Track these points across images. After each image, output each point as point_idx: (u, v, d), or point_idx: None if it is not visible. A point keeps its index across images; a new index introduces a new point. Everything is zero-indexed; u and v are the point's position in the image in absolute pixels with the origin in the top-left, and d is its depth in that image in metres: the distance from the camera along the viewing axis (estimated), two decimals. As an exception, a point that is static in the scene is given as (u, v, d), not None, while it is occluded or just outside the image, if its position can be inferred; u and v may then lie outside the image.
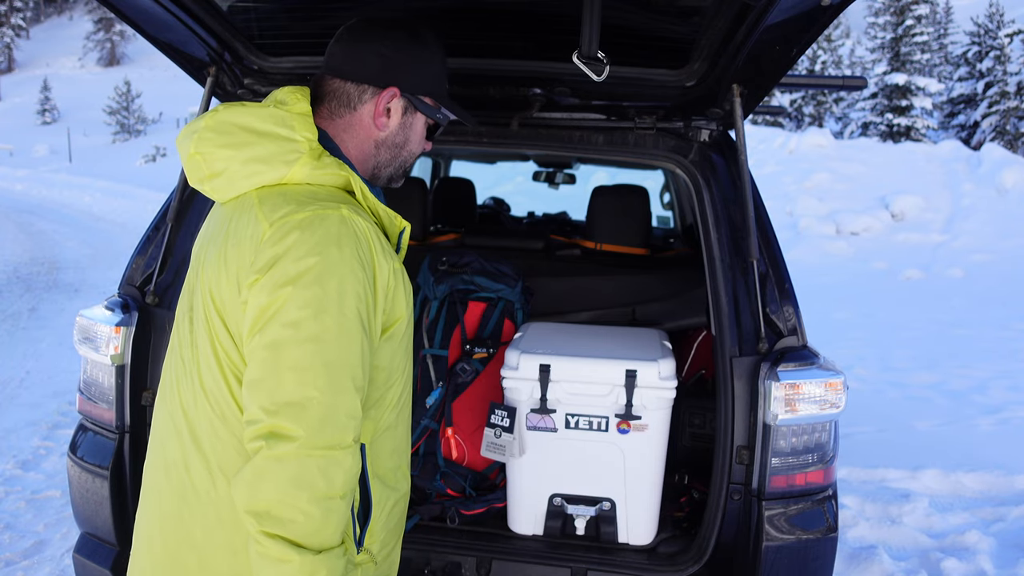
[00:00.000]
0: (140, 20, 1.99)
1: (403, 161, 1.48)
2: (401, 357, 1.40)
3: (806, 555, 2.01)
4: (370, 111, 1.41)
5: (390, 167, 1.47)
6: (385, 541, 1.44)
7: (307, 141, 1.31)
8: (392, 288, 1.31)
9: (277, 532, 1.15)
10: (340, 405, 1.18)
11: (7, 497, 3.76)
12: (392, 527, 1.46)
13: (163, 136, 40.52)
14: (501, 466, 2.56)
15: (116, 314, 2.16)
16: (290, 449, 1.15)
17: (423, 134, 1.49)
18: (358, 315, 1.21)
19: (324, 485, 1.16)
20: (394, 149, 1.45)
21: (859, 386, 5.95)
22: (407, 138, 1.45)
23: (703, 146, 2.32)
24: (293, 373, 1.17)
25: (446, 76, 1.49)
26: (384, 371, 1.36)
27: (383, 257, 1.28)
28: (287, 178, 1.30)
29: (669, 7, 1.88)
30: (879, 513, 3.85)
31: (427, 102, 1.45)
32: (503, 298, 2.76)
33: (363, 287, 1.23)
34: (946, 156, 15.69)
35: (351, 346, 1.20)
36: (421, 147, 1.49)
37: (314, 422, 1.16)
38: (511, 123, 2.37)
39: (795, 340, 2.08)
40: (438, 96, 1.46)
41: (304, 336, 1.18)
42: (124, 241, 12.77)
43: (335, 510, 1.18)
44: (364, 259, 1.24)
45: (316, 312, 1.18)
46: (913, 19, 31.37)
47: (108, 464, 2.14)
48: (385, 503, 1.41)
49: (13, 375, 5.70)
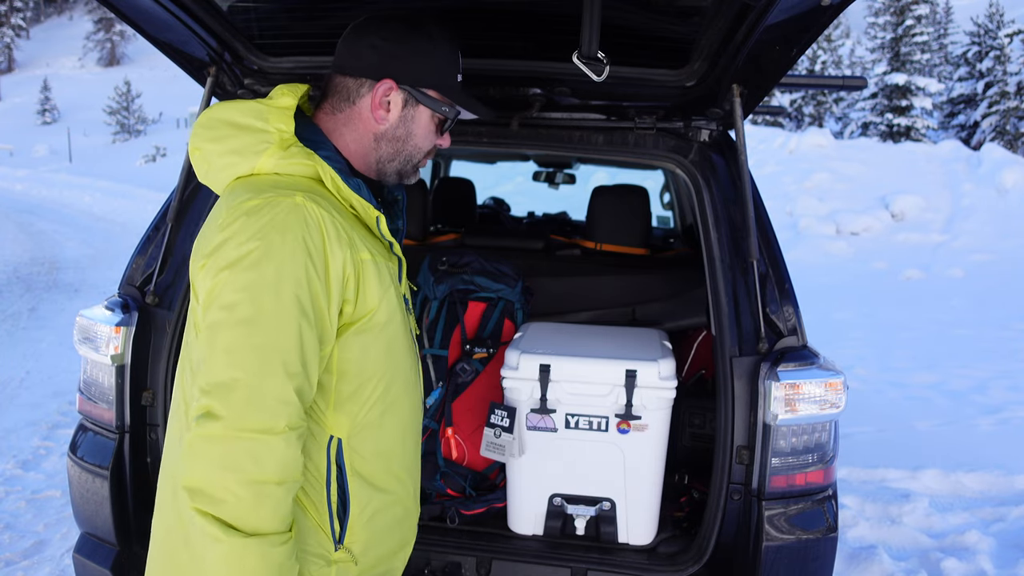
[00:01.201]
0: (140, 20, 1.99)
1: (409, 156, 1.45)
2: (380, 353, 1.36)
3: (806, 555, 2.01)
4: (368, 105, 1.41)
5: (394, 162, 1.45)
6: (372, 545, 1.41)
7: (278, 132, 1.33)
8: (356, 278, 1.29)
9: (208, 510, 1.16)
10: (268, 389, 1.18)
11: (7, 497, 3.76)
12: (380, 531, 1.43)
13: (163, 136, 40.53)
14: (501, 466, 2.56)
15: (116, 314, 2.16)
16: (216, 429, 1.16)
17: (430, 128, 1.45)
18: (296, 301, 1.21)
19: (254, 469, 1.16)
20: (396, 143, 1.43)
21: (859, 386, 5.95)
22: (409, 132, 1.43)
23: (703, 146, 2.32)
24: (225, 355, 1.18)
25: (456, 69, 1.45)
26: (354, 364, 1.33)
27: (338, 246, 1.26)
28: (257, 168, 1.33)
29: (669, 7, 1.88)
30: (879, 513, 3.85)
31: (431, 95, 1.42)
32: (503, 298, 2.76)
33: (306, 273, 1.22)
34: (946, 156, 15.70)
35: (285, 331, 1.20)
36: (430, 142, 1.46)
37: (240, 404, 1.17)
38: (511, 123, 2.37)
39: (795, 340, 2.08)
40: (444, 89, 1.43)
41: (237, 319, 1.19)
42: (124, 241, 12.78)
43: (269, 496, 1.18)
44: (312, 246, 1.23)
45: (251, 296, 1.19)
46: (913, 19, 31.38)
47: (108, 464, 2.13)
48: (368, 503, 1.39)
49: (13, 375, 5.70)
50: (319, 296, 1.24)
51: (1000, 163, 14.60)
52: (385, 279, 1.36)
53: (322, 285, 1.24)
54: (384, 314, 1.36)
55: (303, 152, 1.33)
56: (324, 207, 1.27)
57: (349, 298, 1.30)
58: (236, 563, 1.16)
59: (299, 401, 1.22)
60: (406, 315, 1.48)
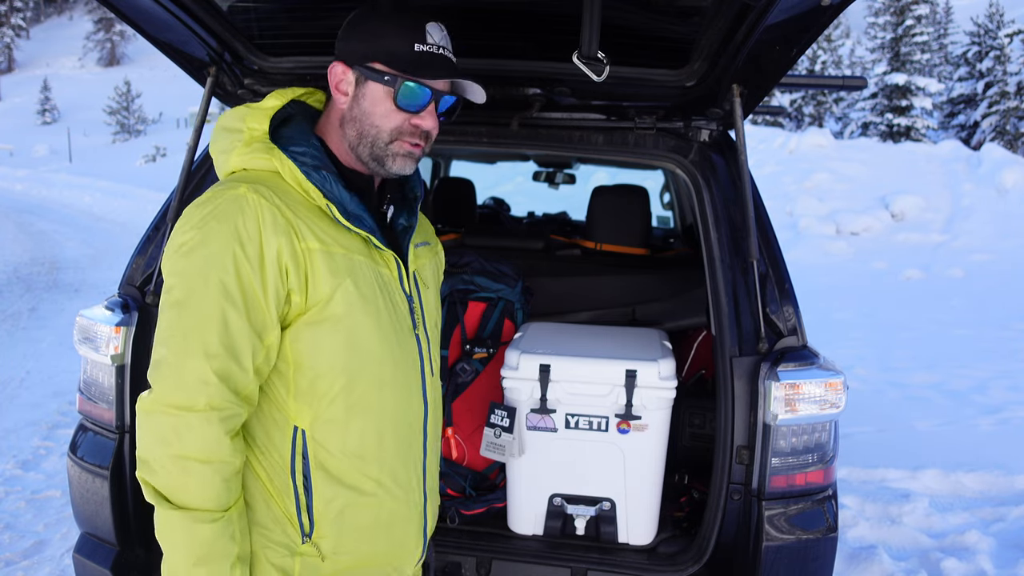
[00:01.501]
0: (140, 20, 1.99)
1: (372, 138, 1.40)
2: (338, 348, 1.34)
3: (806, 555, 2.01)
4: (334, 92, 1.43)
5: (362, 146, 1.41)
6: (343, 544, 1.40)
7: (248, 131, 1.39)
8: (301, 267, 1.30)
9: (147, 479, 1.27)
10: (188, 369, 1.24)
11: (7, 497, 3.76)
12: (355, 532, 1.40)
13: (163, 136, 40.54)
14: (501, 466, 2.56)
15: (116, 314, 2.16)
16: (148, 402, 1.27)
17: (388, 105, 1.38)
18: (221, 286, 1.25)
19: (177, 444, 1.24)
20: (355, 124, 1.40)
21: (859, 386, 5.95)
22: (364, 111, 1.39)
23: (703, 146, 2.32)
24: (159, 334, 1.29)
25: (412, 38, 1.38)
26: (307, 356, 1.33)
27: (275, 234, 1.28)
28: (231, 166, 1.40)
29: (669, 7, 1.88)
30: (879, 513, 3.85)
31: (377, 67, 1.37)
32: (503, 298, 2.76)
33: (235, 260, 1.26)
34: (946, 156, 15.70)
35: (208, 314, 1.25)
36: (392, 121, 1.39)
37: (164, 381, 1.26)
38: (511, 123, 2.37)
39: (795, 340, 2.08)
40: (391, 60, 1.37)
41: (170, 302, 1.28)
42: (124, 241, 12.78)
43: (193, 472, 1.24)
44: (245, 234, 1.27)
45: (183, 280, 1.27)
46: (913, 19, 31.38)
47: (108, 464, 2.13)
48: (333, 500, 1.38)
49: (13, 375, 5.70)
50: (250, 282, 1.27)
51: (1000, 163, 14.60)
52: (341, 270, 1.34)
53: (254, 271, 1.27)
54: (341, 306, 1.33)
55: (264, 148, 1.37)
56: (268, 197, 1.30)
57: (296, 288, 1.30)
58: (167, 531, 1.26)
59: (221, 383, 1.25)
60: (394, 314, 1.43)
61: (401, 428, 1.44)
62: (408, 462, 1.47)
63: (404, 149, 1.41)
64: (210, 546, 1.24)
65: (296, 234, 1.30)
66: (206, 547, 1.24)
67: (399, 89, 1.37)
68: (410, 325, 1.47)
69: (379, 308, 1.39)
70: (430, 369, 1.53)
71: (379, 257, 1.43)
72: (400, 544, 1.47)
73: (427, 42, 1.39)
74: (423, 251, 1.59)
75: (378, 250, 1.42)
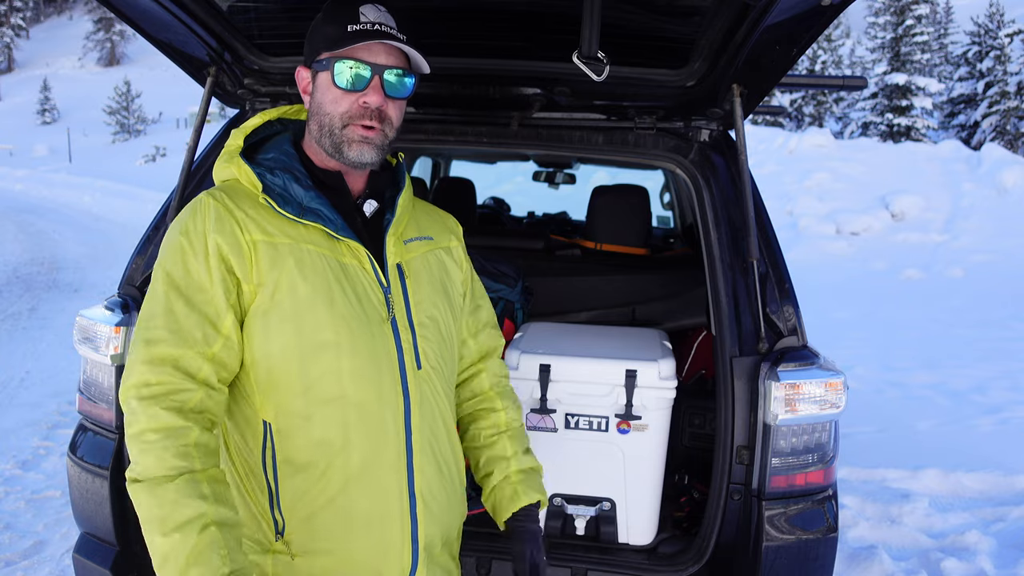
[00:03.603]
0: (140, 20, 1.99)
1: (328, 127, 1.44)
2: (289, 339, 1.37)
3: (806, 555, 2.00)
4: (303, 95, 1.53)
5: (322, 136, 1.46)
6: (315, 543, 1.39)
7: (227, 147, 1.50)
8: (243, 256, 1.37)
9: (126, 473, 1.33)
10: (134, 354, 1.35)
11: (7, 497, 3.76)
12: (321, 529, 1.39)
13: (163, 136, 40.53)
14: (501, 466, 2.55)
15: (116, 314, 2.16)
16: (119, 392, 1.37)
17: (335, 91, 1.43)
18: (167, 277, 1.37)
19: (134, 424, 1.31)
20: (315, 118, 1.47)
21: (859, 386, 5.95)
22: (318, 101, 1.46)
23: (703, 146, 2.32)
24: None
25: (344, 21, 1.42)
26: (260, 347, 1.38)
27: (219, 227, 1.37)
28: (215, 179, 1.52)
29: (669, 7, 1.88)
30: (879, 513, 3.85)
31: (321, 58, 1.45)
32: (503, 298, 2.76)
33: (182, 253, 1.37)
34: (946, 156, 15.70)
35: (151, 303, 1.37)
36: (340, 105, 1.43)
37: (127, 369, 1.36)
38: (511, 123, 2.36)
39: (795, 340, 2.08)
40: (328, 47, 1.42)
41: None
42: (124, 241, 12.78)
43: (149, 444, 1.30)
44: (193, 229, 1.38)
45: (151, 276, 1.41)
46: (913, 19, 31.36)
47: (108, 464, 2.13)
48: (302, 495, 1.39)
49: (13, 375, 5.70)
50: (198, 272, 1.36)
51: (1000, 163, 14.60)
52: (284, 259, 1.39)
53: (200, 262, 1.36)
54: (286, 293, 1.38)
55: (229, 159, 1.48)
56: (220, 199, 1.41)
57: (243, 277, 1.38)
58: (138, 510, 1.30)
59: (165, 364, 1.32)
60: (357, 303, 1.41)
61: (371, 422, 1.40)
62: (383, 460, 1.41)
63: (358, 134, 1.44)
64: (173, 505, 1.26)
65: (240, 228, 1.39)
66: (169, 506, 1.26)
67: (333, 68, 1.42)
68: (382, 315, 1.44)
69: (333, 296, 1.40)
70: (415, 362, 1.46)
71: (343, 248, 1.44)
72: (380, 547, 1.42)
73: (360, 21, 1.42)
74: (417, 245, 1.58)
75: (340, 241, 1.43)
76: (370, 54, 1.42)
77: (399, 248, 1.52)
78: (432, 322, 1.53)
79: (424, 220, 1.65)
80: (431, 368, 1.50)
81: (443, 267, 1.63)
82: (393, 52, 1.44)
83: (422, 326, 1.50)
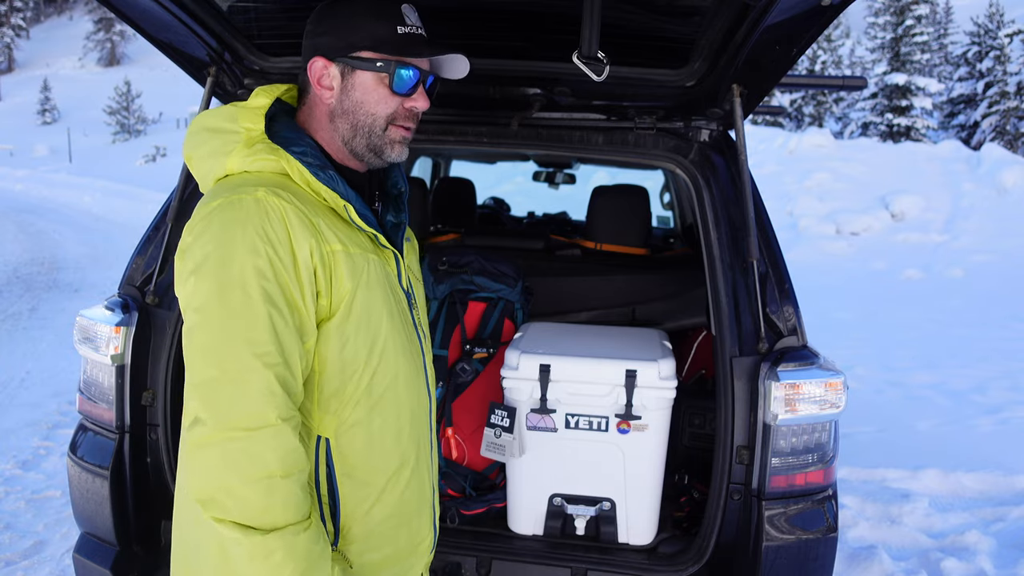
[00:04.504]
0: (140, 20, 1.99)
1: (367, 127, 1.40)
2: (362, 348, 1.35)
3: (806, 555, 2.01)
4: (315, 89, 1.41)
5: (358, 137, 1.41)
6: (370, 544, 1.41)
7: (245, 131, 1.35)
8: (327, 269, 1.29)
9: (222, 516, 1.17)
10: (250, 383, 1.18)
11: (7, 497, 3.76)
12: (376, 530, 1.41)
13: (163, 136, 40.49)
14: (501, 466, 2.56)
15: (116, 314, 2.16)
16: (204, 433, 1.17)
17: (381, 91, 1.39)
18: (263, 292, 1.21)
19: (253, 466, 1.17)
20: (348, 117, 1.40)
21: (859, 386, 5.95)
22: (356, 101, 1.39)
23: (703, 146, 2.32)
24: (200, 356, 1.20)
25: (394, 21, 1.38)
26: (335, 359, 1.33)
27: (304, 236, 1.26)
28: (228, 168, 1.34)
29: (669, 7, 1.88)
30: (879, 513, 3.85)
31: (364, 56, 1.37)
32: (503, 298, 2.76)
33: (270, 265, 1.22)
34: (946, 156, 15.70)
35: (258, 324, 1.20)
36: (388, 106, 1.39)
37: (222, 403, 1.17)
38: (511, 123, 2.37)
39: (795, 340, 2.08)
40: (377, 45, 1.37)
41: (208, 319, 1.20)
42: (124, 241, 12.77)
43: (278, 489, 1.18)
44: (275, 237, 1.23)
45: (218, 294, 1.20)
46: (913, 19, 31.34)
47: (108, 464, 2.13)
48: (361, 503, 1.39)
49: (13, 375, 5.70)
50: (289, 286, 1.24)
51: (1000, 163, 14.60)
52: (361, 271, 1.34)
53: (291, 275, 1.24)
54: (362, 305, 1.34)
55: (268, 148, 1.34)
56: (288, 200, 1.27)
57: (323, 290, 1.29)
58: (262, 561, 1.17)
59: (284, 391, 1.22)
60: (400, 310, 1.45)
61: (415, 420, 1.47)
62: (421, 454, 1.50)
63: (399, 135, 1.42)
64: (308, 555, 1.21)
65: (319, 235, 1.29)
66: (308, 557, 1.20)
67: (393, 73, 1.38)
68: (411, 320, 1.50)
69: (391, 305, 1.42)
70: (431, 363, 1.57)
71: (384, 255, 1.45)
72: (416, 537, 1.51)
73: (407, 23, 1.39)
74: (407, 245, 1.60)
75: (383, 248, 1.44)
76: (419, 59, 1.41)
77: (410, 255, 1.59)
78: (426, 321, 1.61)
79: None
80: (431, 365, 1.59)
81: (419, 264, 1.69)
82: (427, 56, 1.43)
83: (424, 326, 1.58)
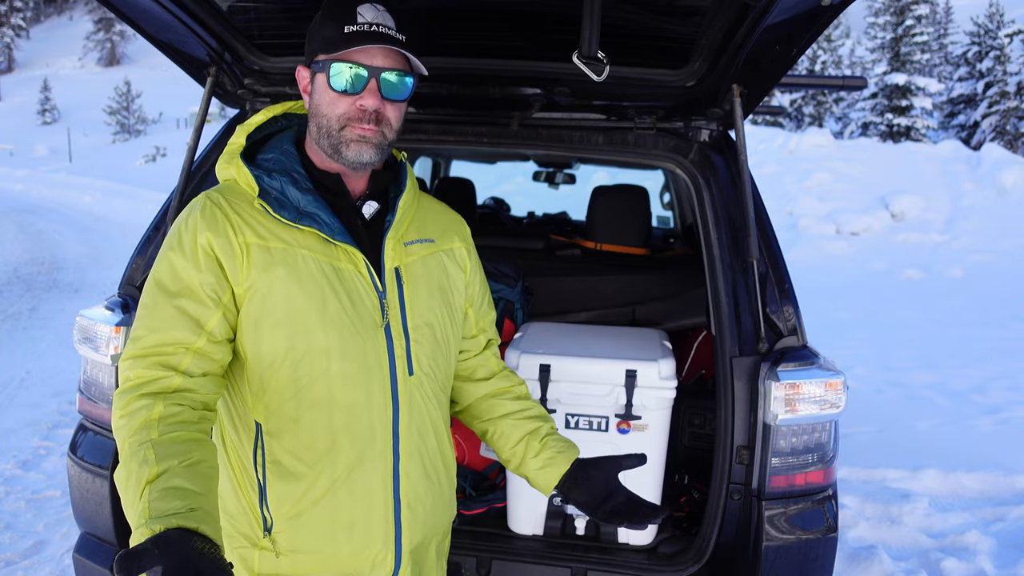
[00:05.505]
0: (140, 20, 1.99)
1: (327, 129, 1.43)
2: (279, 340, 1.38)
3: (806, 555, 2.01)
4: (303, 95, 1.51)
5: (320, 138, 1.45)
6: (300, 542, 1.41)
7: (230, 145, 1.49)
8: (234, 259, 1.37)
9: None
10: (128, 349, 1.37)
11: (7, 497, 3.76)
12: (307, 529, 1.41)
13: (163, 136, 40.49)
14: (501, 466, 2.56)
15: (116, 314, 2.16)
16: None
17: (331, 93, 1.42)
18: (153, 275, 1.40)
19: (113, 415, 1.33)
20: (314, 119, 1.46)
21: (859, 386, 5.95)
22: (316, 103, 1.45)
23: (703, 146, 2.32)
24: None
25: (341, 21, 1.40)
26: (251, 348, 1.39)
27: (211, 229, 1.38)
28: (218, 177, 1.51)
29: (669, 7, 1.88)
30: (879, 513, 3.85)
31: (319, 59, 1.43)
32: (503, 298, 2.76)
33: (176, 255, 1.38)
34: (946, 156, 15.69)
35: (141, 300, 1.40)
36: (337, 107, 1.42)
37: None
38: (511, 123, 2.37)
39: (795, 340, 2.08)
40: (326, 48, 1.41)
41: None
42: (124, 241, 12.77)
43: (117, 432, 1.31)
44: (186, 230, 1.40)
45: None
46: (913, 19, 31.34)
47: (108, 464, 2.14)
48: (286, 496, 1.40)
49: (13, 375, 5.70)
50: (184, 269, 1.37)
51: (1000, 163, 14.60)
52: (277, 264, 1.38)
53: (187, 260, 1.37)
54: (279, 298, 1.38)
55: (229, 159, 1.47)
56: (217, 200, 1.42)
57: (234, 280, 1.38)
58: None
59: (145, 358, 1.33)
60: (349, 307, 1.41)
61: (358, 427, 1.41)
62: (369, 464, 1.42)
63: (354, 135, 1.42)
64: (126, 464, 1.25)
65: (234, 230, 1.39)
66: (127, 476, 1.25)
67: (328, 71, 1.41)
68: (376, 320, 1.43)
69: (325, 302, 1.39)
70: (407, 368, 1.45)
71: (339, 252, 1.43)
72: (364, 550, 1.44)
73: (357, 22, 1.40)
74: (418, 248, 1.55)
75: (336, 246, 1.42)
76: (367, 56, 1.40)
77: (399, 251, 1.50)
78: (428, 327, 1.51)
79: (429, 221, 1.62)
80: (423, 374, 1.49)
81: (444, 270, 1.60)
82: (391, 53, 1.42)
83: (416, 330, 1.49)
